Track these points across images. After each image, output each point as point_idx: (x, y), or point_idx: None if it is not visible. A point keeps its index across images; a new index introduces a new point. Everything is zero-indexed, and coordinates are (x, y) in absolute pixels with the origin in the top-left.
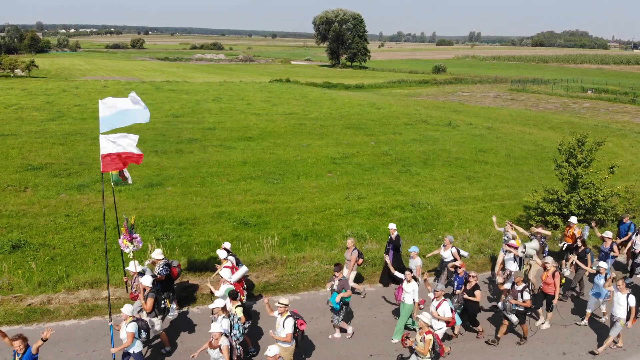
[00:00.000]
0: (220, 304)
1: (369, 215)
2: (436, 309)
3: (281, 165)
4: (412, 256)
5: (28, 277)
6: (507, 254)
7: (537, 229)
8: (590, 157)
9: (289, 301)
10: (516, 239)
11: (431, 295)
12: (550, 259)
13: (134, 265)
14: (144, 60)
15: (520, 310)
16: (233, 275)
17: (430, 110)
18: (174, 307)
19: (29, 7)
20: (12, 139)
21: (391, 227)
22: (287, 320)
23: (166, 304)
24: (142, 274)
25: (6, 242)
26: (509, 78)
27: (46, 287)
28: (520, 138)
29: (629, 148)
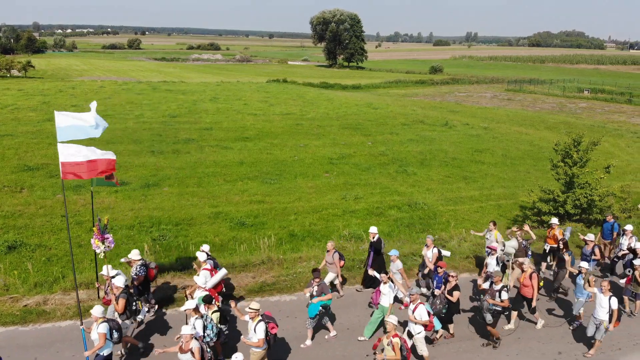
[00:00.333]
0: (191, 305)
1: (365, 215)
2: (412, 313)
3: (278, 165)
4: (392, 259)
5: (24, 278)
6: (489, 256)
7: (517, 231)
8: (586, 157)
9: (288, 300)
10: (499, 241)
11: (407, 299)
12: (527, 260)
13: (107, 270)
14: (140, 61)
15: (497, 309)
16: (211, 278)
17: (427, 111)
18: (145, 308)
19: (26, 7)
20: (8, 140)
21: (372, 230)
22: (259, 325)
23: (138, 305)
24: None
25: (2, 243)
26: (506, 78)
27: (42, 287)
28: (517, 138)
29: (625, 148)
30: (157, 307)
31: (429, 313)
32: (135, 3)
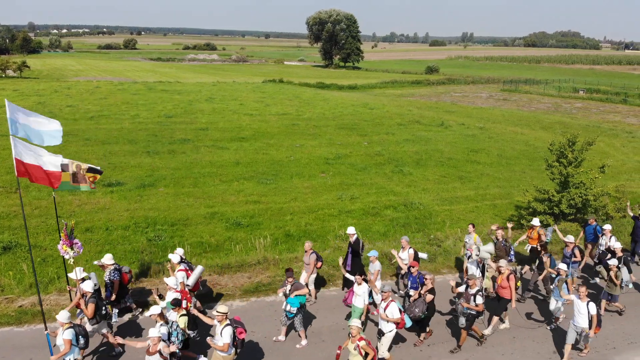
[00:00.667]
0: (156, 311)
1: (361, 215)
2: (384, 310)
3: (274, 165)
4: (372, 260)
5: (19, 279)
6: (469, 259)
7: (497, 232)
8: (581, 157)
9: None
10: (475, 245)
11: (379, 298)
12: (503, 261)
13: (75, 273)
14: (136, 61)
15: (472, 313)
16: (188, 279)
17: (423, 111)
18: (116, 312)
19: (21, 7)
20: (3, 140)
21: (349, 231)
22: (225, 329)
23: (108, 309)
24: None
25: None
26: (502, 78)
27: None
28: (512, 138)
29: (620, 148)
30: (140, 310)
31: (400, 310)
32: (131, 3)
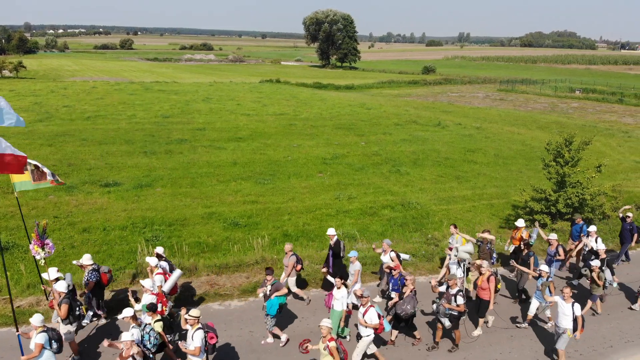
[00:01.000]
0: (129, 313)
1: (359, 215)
2: (363, 316)
3: (272, 165)
4: (352, 261)
5: (17, 279)
6: (450, 259)
7: (481, 235)
8: (578, 157)
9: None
10: (454, 246)
11: (358, 302)
12: (485, 262)
13: (48, 274)
14: (133, 61)
15: (454, 314)
16: (166, 283)
17: (419, 111)
18: (90, 314)
19: (17, 8)
20: None
21: (330, 232)
22: (197, 333)
23: (81, 310)
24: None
25: None
26: (498, 78)
27: (35, 289)
28: (509, 138)
29: (616, 147)
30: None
31: (379, 315)
32: (127, 3)
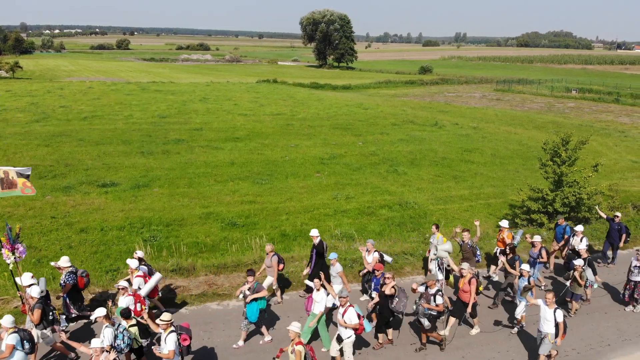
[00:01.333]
0: (102, 313)
1: (357, 214)
2: (342, 316)
3: (269, 165)
4: (332, 263)
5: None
6: (431, 262)
7: (463, 234)
8: (575, 156)
9: (281, 299)
10: (433, 244)
11: (337, 303)
12: (466, 264)
13: (21, 279)
14: (129, 61)
15: (433, 314)
16: (145, 285)
17: (417, 111)
18: (64, 318)
19: (13, 8)
20: None
21: (313, 233)
22: (169, 336)
23: (55, 315)
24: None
25: None
26: (495, 78)
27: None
28: (506, 138)
29: (612, 147)
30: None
31: (359, 315)
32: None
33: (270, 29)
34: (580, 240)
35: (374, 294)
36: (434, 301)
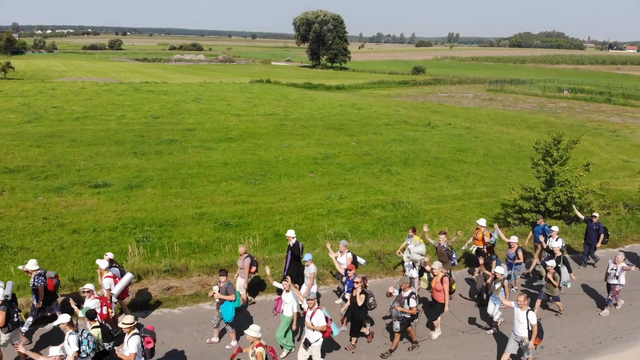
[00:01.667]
0: (65, 319)
1: (350, 214)
2: (310, 319)
3: (262, 165)
4: (307, 264)
5: (5, 282)
6: (406, 261)
7: (439, 237)
8: (566, 156)
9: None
10: (407, 247)
11: (304, 305)
12: (437, 264)
13: None
14: (122, 61)
15: (406, 317)
16: (115, 286)
17: (410, 111)
18: (30, 320)
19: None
20: None
21: (289, 234)
22: (132, 339)
23: (20, 317)
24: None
25: None
26: (487, 78)
27: (25, 290)
28: (498, 137)
29: (604, 146)
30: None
31: (326, 318)
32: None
33: (263, 29)
34: (556, 240)
35: (347, 296)
36: (408, 304)
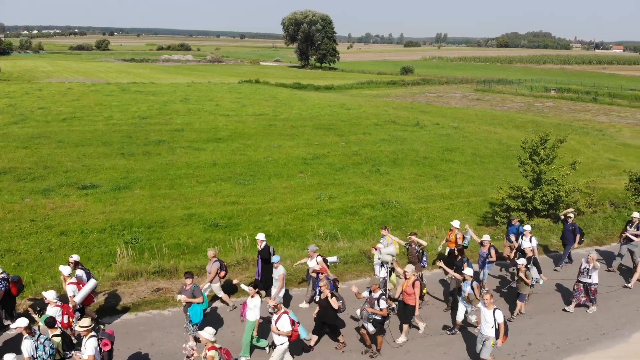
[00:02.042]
0: (22, 324)
1: (340, 214)
2: (275, 323)
3: (252, 166)
4: (275, 266)
5: None
6: (375, 260)
7: (411, 238)
8: (553, 154)
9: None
10: (378, 248)
11: (270, 310)
12: (410, 267)
13: None
14: (109, 62)
15: (377, 319)
16: (78, 293)
17: (398, 111)
18: (6, 323)
19: None
20: None
21: (259, 237)
22: (89, 341)
23: None
24: None
25: None
26: (475, 79)
27: None
28: (486, 137)
29: (590, 145)
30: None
31: (293, 322)
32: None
33: (252, 29)
34: (530, 240)
35: (317, 298)
36: (378, 305)
